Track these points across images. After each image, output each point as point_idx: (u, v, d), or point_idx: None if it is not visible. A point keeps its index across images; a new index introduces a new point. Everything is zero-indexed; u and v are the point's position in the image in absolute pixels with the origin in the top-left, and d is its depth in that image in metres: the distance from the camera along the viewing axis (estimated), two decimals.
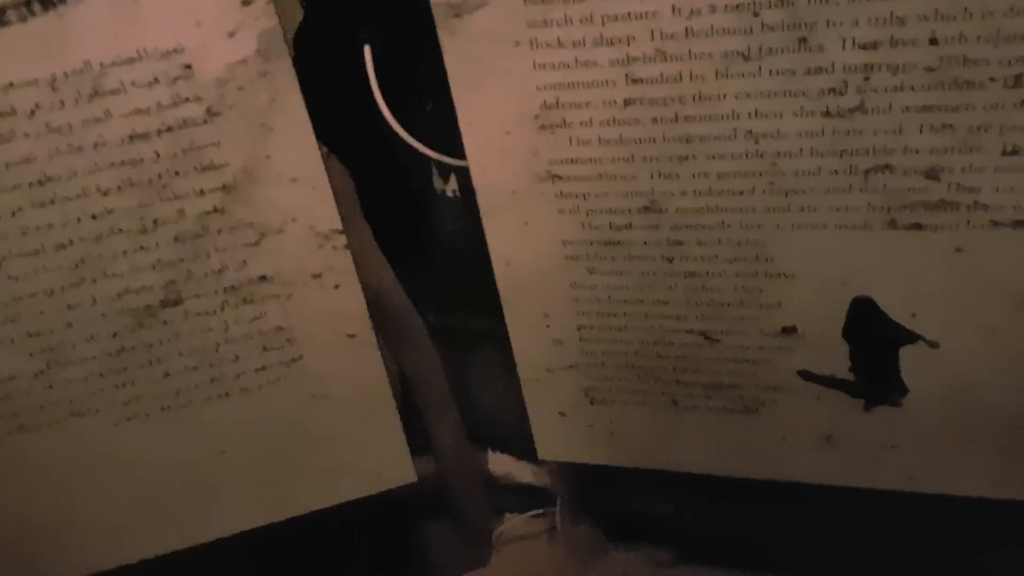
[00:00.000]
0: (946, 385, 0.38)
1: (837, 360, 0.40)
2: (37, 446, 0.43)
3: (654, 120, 0.35)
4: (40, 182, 0.36)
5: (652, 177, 0.37)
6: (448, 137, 0.40)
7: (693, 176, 0.36)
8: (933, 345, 0.37)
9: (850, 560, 0.51)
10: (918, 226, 0.34)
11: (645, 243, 0.39)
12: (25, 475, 0.44)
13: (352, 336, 0.44)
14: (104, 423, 0.43)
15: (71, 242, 0.38)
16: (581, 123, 0.36)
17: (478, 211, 0.41)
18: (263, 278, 0.41)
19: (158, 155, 0.37)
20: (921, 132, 0.32)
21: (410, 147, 0.44)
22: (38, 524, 0.46)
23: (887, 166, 0.33)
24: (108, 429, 0.43)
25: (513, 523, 0.58)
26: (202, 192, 0.38)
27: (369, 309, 0.44)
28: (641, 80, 0.34)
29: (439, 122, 0.40)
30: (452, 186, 0.47)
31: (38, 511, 0.45)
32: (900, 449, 0.42)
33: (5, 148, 0.35)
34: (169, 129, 0.36)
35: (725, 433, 0.44)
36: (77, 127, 0.36)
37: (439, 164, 0.46)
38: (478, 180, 0.40)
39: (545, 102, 0.36)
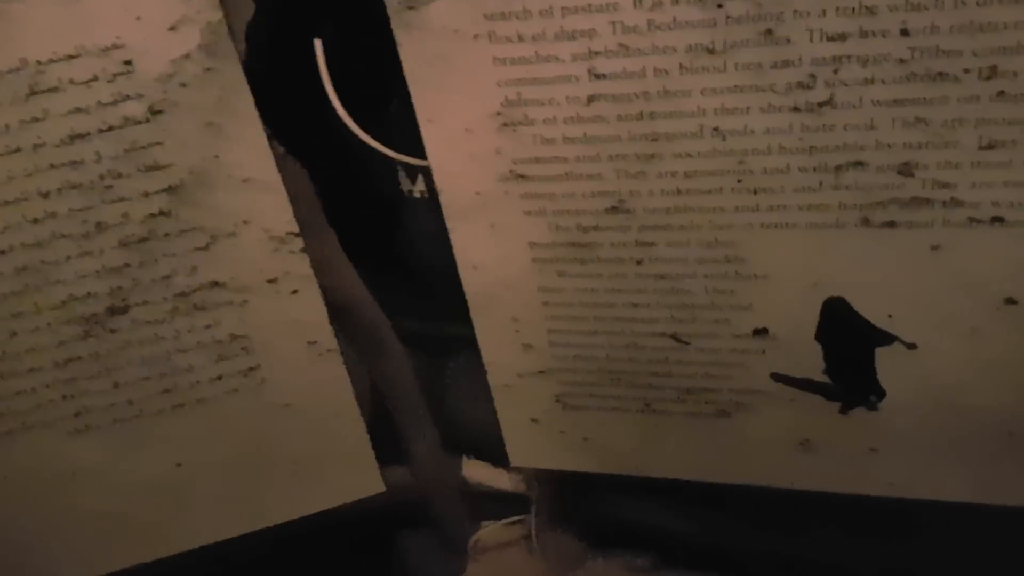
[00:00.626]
0: (925, 388, 0.37)
1: (811, 362, 0.39)
2: None
3: (619, 117, 0.33)
4: None
5: (619, 176, 0.35)
6: (412, 136, 0.38)
7: (660, 175, 0.35)
8: (911, 347, 0.36)
9: (829, 566, 0.50)
10: (892, 224, 0.33)
11: (614, 245, 0.38)
12: None
13: (313, 343, 0.42)
14: (55, 436, 0.41)
15: (11, 248, 0.36)
16: (544, 120, 0.34)
17: None
18: (215, 284, 0.39)
19: (100, 156, 0.35)
20: (893, 127, 0.31)
21: (373, 152, 0.42)
22: None
23: (858, 162, 0.32)
24: (60, 443, 0.42)
25: (489, 531, 0.57)
26: (147, 194, 0.36)
27: (338, 318, 0.42)
28: (604, 75, 0.32)
29: (401, 121, 0.39)
30: (420, 187, 0.45)
31: None
32: (878, 453, 0.40)
33: None
34: (111, 128, 0.35)
35: (699, 438, 0.43)
36: (15, 128, 0.34)
37: (405, 164, 0.45)
38: (441, 182, 0.38)
39: (507, 99, 0.34)
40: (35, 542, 0.44)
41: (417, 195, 0.46)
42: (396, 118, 0.39)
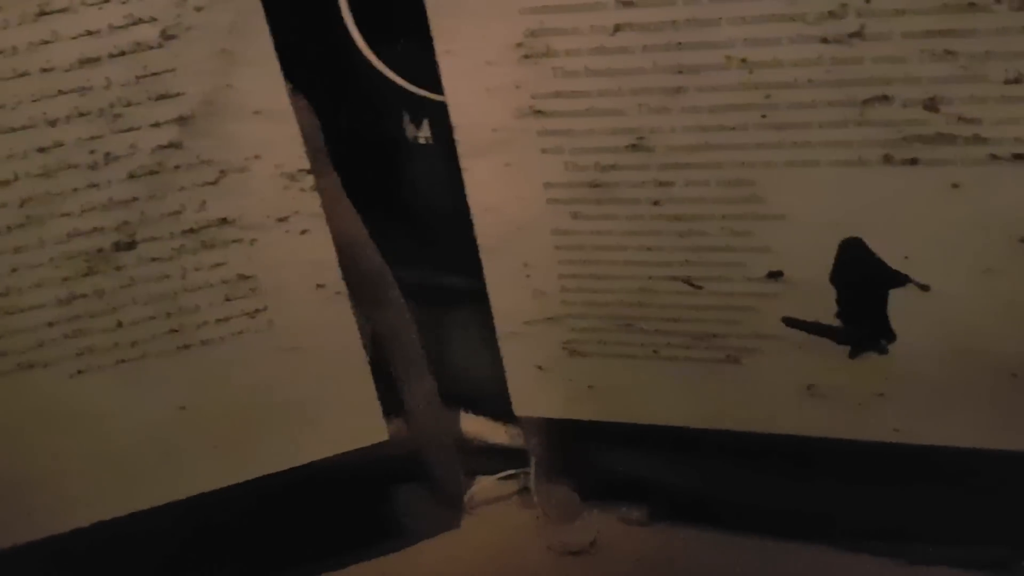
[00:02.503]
0: (935, 330, 0.38)
1: (823, 306, 0.39)
2: None
3: (645, 48, 0.33)
4: None
5: (641, 112, 0.35)
6: (425, 73, 0.38)
7: (684, 110, 0.34)
8: (924, 288, 0.36)
9: (828, 517, 0.51)
10: (914, 161, 0.33)
11: (631, 184, 0.37)
12: None
13: (321, 286, 0.42)
14: (56, 377, 0.40)
15: (16, 178, 0.35)
16: (567, 52, 0.34)
17: (452, 159, 0.39)
18: (224, 221, 0.38)
19: (110, 82, 0.34)
20: (922, 60, 0.31)
21: (381, 85, 0.41)
22: None
23: (885, 97, 0.32)
24: (61, 383, 0.41)
25: (485, 485, 0.57)
26: (157, 124, 0.35)
27: (339, 265, 0.42)
28: (632, 3, 0.32)
29: (418, 55, 0.38)
30: (425, 133, 0.45)
31: None
32: (886, 399, 0.41)
33: None
34: (122, 53, 0.34)
35: (706, 384, 0.43)
36: (23, 50, 0.33)
37: (411, 108, 0.44)
38: (457, 118, 0.38)
39: (529, 28, 0.34)
40: (33, 486, 0.43)
41: (422, 141, 0.45)
42: (413, 51, 0.38)
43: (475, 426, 0.56)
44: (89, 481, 0.44)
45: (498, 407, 0.50)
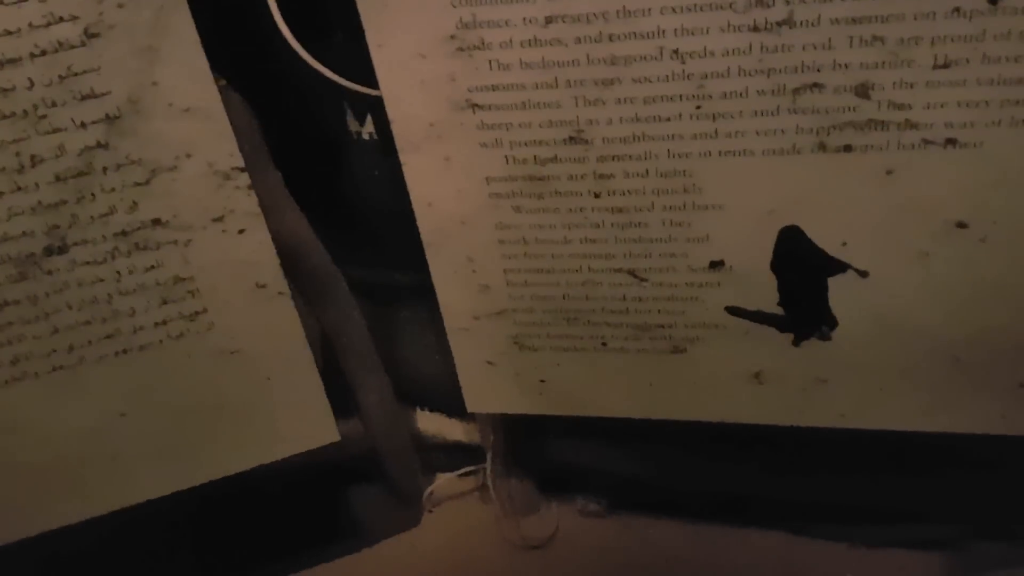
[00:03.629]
0: (877, 316, 0.38)
1: (765, 294, 0.39)
2: None
3: (577, 40, 0.33)
4: None
5: (577, 104, 0.35)
6: (363, 69, 0.37)
7: (619, 102, 0.34)
8: (863, 274, 0.37)
9: (783, 503, 0.51)
10: (848, 148, 0.33)
11: (571, 177, 0.37)
12: None
13: (262, 286, 0.41)
14: None
15: None
16: (500, 44, 0.34)
17: (397, 155, 0.39)
18: (157, 222, 0.37)
19: (32, 83, 0.33)
20: (851, 46, 0.31)
21: (320, 82, 0.41)
22: None
23: (816, 84, 0.32)
24: None
25: (444, 482, 0.57)
26: (83, 125, 0.34)
27: (285, 265, 0.41)
28: None
29: (351, 50, 0.37)
30: (368, 128, 0.44)
31: None
32: (830, 384, 0.41)
33: None
34: (43, 53, 0.33)
35: (654, 375, 0.43)
36: None
37: (353, 103, 0.44)
38: (393, 112, 0.37)
39: (461, 20, 0.33)
40: None
41: (366, 137, 0.44)
42: (348, 45, 0.38)
43: (431, 423, 0.56)
44: (26, 493, 0.43)
45: (454, 404, 0.49)
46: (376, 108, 0.42)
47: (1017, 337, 0.37)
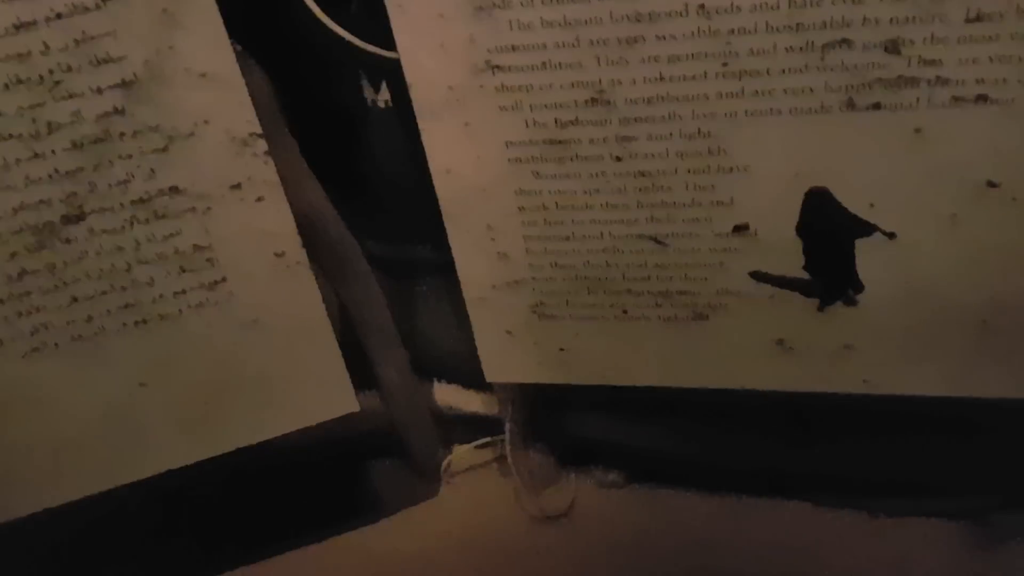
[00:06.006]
0: (903, 279, 0.37)
1: (791, 258, 0.38)
2: None
3: None
4: None
5: (599, 64, 0.34)
6: (379, 33, 0.37)
7: (642, 61, 0.34)
8: (891, 236, 0.36)
9: (804, 475, 0.51)
10: (877, 106, 0.32)
11: (592, 141, 0.37)
12: None
13: (280, 255, 0.41)
14: (10, 356, 0.39)
15: None
16: (521, 3, 0.33)
17: (413, 123, 0.38)
18: (175, 189, 0.37)
19: (48, 47, 0.33)
20: (881, 0, 0.30)
21: (335, 45, 0.40)
22: None
23: (845, 40, 0.31)
24: (15, 363, 0.40)
25: (462, 454, 0.56)
26: (100, 90, 0.34)
27: (303, 237, 0.41)
28: None
29: (368, 13, 0.37)
30: (385, 96, 0.44)
31: None
32: (855, 350, 0.41)
33: None
34: (59, 16, 0.32)
35: (676, 343, 0.43)
36: None
37: (369, 70, 0.43)
38: (411, 75, 0.37)
39: None
40: None
41: (382, 105, 0.44)
42: (365, 7, 0.37)
43: (449, 395, 0.56)
44: (48, 464, 0.43)
45: (472, 376, 0.49)
46: (392, 75, 0.41)
47: None
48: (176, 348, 0.41)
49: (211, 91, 0.35)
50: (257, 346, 0.43)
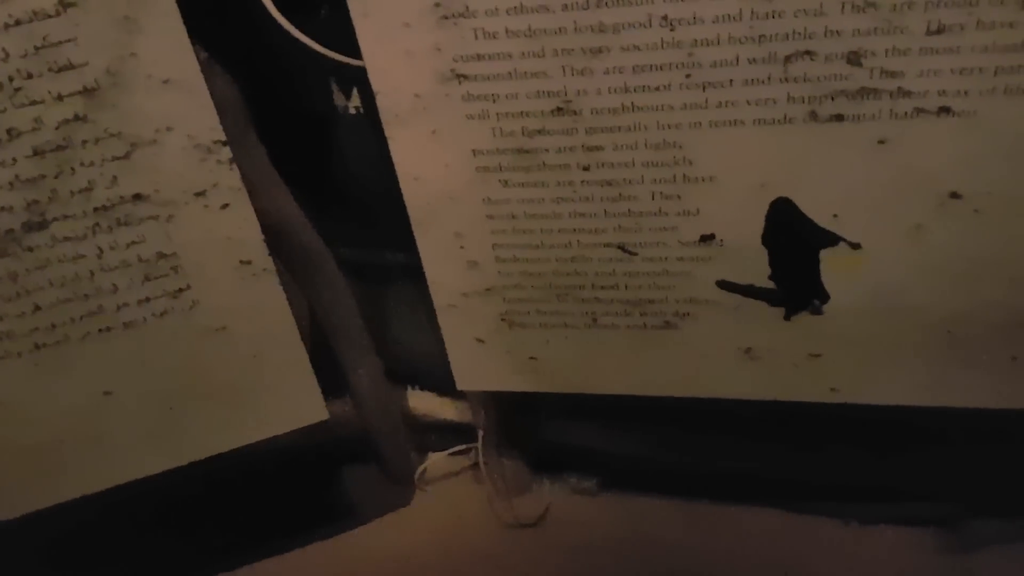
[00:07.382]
0: (868, 289, 0.37)
1: (757, 268, 0.38)
2: None
3: (564, 7, 0.32)
4: None
5: (565, 74, 0.34)
6: (347, 40, 0.36)
7: (607, 71, 0.34)
8: (855, 246, 0.36)
9: (775, 482, 0.51)
10: (839, 117, 0.33)
11: (559, 150, 0.37)
12: None
13: (246, 263, 0.40)
14: None
15: None
16: (486, 12, 0.33)
17: (383, 129, 0.38)
18: (138, 197, 0.37)
19: (7, 54, 0.32)
20: (843, 12, 0.30)
21: (304, 54, 0.40)
22: None
23: (807, 52, 0.31)
24: None
25: (436, 461, 0.56)
26: (60, 97, 0.34)
27: (272, 244, 0.40)
28: None
29: (335, 21, 0.37)
30: (355, 103, 0.44)
31: None
32: (822, 359, 0.41)
33: None
34: (18, 23, 0.32)
35: (644, 351, 0.43)
36: None
37: (339, 77, 0.43)
38: (378, 83, 0.36)
39: None
40: None
41: (352, 111, 0.44)
42: (331, 15, 0.37)
43: (423, 402, 0.55)
44: (15, 472, 0.42)
45: (445, 382, 0.49)
46: (362, 81, 0.41)
47: (1010, 310, 0.36)
48: (141, 356, 0.41)
49: (174, 98, 0.35)
50: (224, 354, 0.42)
